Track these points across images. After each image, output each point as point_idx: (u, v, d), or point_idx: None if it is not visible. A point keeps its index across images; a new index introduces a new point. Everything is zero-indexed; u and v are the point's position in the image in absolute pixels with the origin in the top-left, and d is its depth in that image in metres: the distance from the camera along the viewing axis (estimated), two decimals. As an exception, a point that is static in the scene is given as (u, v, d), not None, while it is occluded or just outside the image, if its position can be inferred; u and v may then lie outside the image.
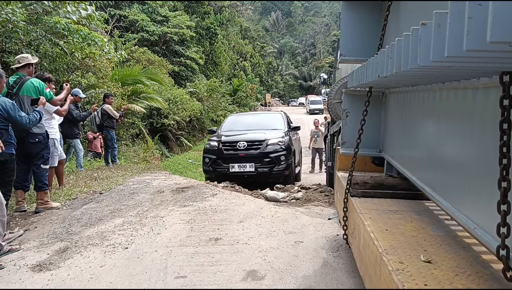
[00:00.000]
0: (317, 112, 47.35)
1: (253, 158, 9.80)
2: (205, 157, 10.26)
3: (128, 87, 15.80)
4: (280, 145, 10.05)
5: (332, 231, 4.92)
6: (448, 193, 2.16)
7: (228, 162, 9.83)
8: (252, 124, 11.72)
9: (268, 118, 13.27)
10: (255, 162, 9.77)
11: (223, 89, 35.07)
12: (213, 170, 10.02)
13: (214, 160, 9.99)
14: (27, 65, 6.06)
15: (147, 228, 5.04)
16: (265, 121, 12.32)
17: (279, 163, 9.79)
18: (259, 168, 9.75)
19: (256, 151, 9.87)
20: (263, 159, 9.78)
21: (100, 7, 22.55)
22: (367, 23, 4.20)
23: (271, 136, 10.35)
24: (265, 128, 11.08)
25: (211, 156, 10.08)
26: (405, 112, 3.16)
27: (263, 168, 9.76)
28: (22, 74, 5.95)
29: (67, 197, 6.78)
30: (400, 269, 2.02)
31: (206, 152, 10.33)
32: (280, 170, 9.82)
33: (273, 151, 9.88)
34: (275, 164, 9.78)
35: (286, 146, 10.09)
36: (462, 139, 1.99)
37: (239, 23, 53.67)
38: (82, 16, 10.97)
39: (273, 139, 10.19)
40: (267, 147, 9.92)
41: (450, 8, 1.14)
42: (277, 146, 10.01)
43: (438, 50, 1.26)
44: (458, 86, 2.01)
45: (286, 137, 10.45)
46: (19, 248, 4.50)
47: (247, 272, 3.81)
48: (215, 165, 9.98)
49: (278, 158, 9.79)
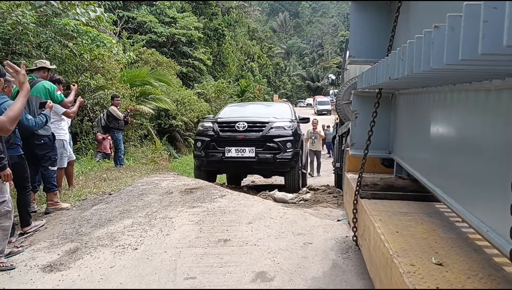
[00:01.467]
0: (325, 112, 47.30)
1: (254, 141, 8.36)
2: (197, 140, 8.84)
3: (137, 88, 15.90)
4: (286, 129, 8.61)
5: (341, 233, 4.90)
6: (460, 195, 2.15)
7: (224, 145, 8.40)
8: (254, 112, 9.92)
9: (273, 107, 11.51)
10: (256, 147, 8.31)
11: (231, 90, 35.14)
12: (205, 155, 8.54)
13: (208, 143, 8.54)
14: (42, 68, 6.15)
15: (156, 229, 5.06)
16: (269, 109, 10.79)
17: (285, 150, 8.32)
18: (260, 153, 8.28)
19: (258, 133, 8.42)
20: (265, 144, 8.32)
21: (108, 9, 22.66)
22: (376, 24, 4.19)
23: (276, 119, 8.88)
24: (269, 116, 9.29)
25: (204, 138, 8.64)
26: (415, 114, 3.15)
27: (265, 154, 8.29)
28: (35, 76, 6.04)
29: (77, 198, 6.81)
30: (412, 271, 2.02)
31: (199, 134, 8.90)
32: (285, 158, 8.34)
33: (278, 135, 8.43)
34: (280, 151, 8.30)
35: (293, 132, 8.65)
36: (473, 141, 1.98)
37: (247, 24, 53.78)
38: (91, 18, 11.06)
39: (279, 122, 8.75)
40: (271, 130, 8.47)
41: (464, 11, 1.14)
42: (283, 130, 8.56)
43: (452, 53, 1.25)
44: (470, 88, 2.00)
45: (294, 123, 9.04)
46: (21, 250, 4.51)
47: (256, 274, 3.81)
48: (209, 149, 8.51)
49: (283, 144, 8.33)
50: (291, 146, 8.42)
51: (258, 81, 52.13)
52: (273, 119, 8.79)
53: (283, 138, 8.42)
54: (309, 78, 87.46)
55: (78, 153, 11.37)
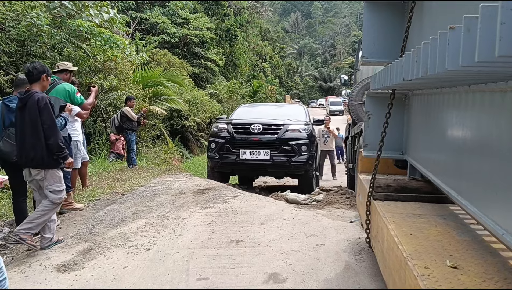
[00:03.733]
0: (337, 113, 47.15)
1: (269, 144, 8.37)
2: (211, 142, 8.79)
3: (149, 89, 15.98)
4: (302, 132, 8.58)
5: (353, 234, 4.88)
6: (475, 197, 2.13)
7: (238, 147, 8.38)
8: (269, 114, 9.82)
9: (287, 108, 11.48)
10: (271, 149, 8.30)
11: (243, 91, 35.17)
12: (219, 156, 8.52)
13: (222, 144, 8.51)
14: (64, 70, 6.23)
15: (169, 229, 5.08)
16: (284, 111, 10.60)
17: (300, 153, 8.30)
18: (275, 156, 8.26)
19: (273, 136, 8.42)
20: (280, 146, 8.31)
21: (121, 10, 22.80)
22: (389, 24, 4.16)
23: (291, 122, 8.85)
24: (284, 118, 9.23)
25: (219, 140, 8.61)
26: (429, 115, 3.12)
27: (280, 157, 8.27)
28: (57, 77, 6.10)
29: (90, 198, 6.87)
30: (426, 274, 2.00)
31: (213, 135, 8.87)
32: (300, 161, 8.32)
33: (293, 138, 8.40)
34: (295, 154, 8.28)
35: (308, 134, 8.64)
36: (489, 142, 1.95)
37: (259, 25, 53.75)
38: (105, 19, 11.16)
39: (294, 124, 8.74)
40: (286, 132, 8.46)
41: (480, 13, 1.13)
42: (298, 133, 8.55)
43: (468, 55, 1.24)
44: (485, 89, 1.98)
45: (309, 125, 9.03)
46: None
47: (268, 275, 3.81)
48: (223, 151, 8.50)
49: (299, 147, 8.32)
50: (306, 149, 8.41)
51: (270, 81, 52.10)
52: (288, 122, 8.78)
53: (298, 141, 8.40)
54: (321, 78, 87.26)
55: (91, 154, 11.45)
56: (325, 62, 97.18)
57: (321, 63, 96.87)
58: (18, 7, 8.80)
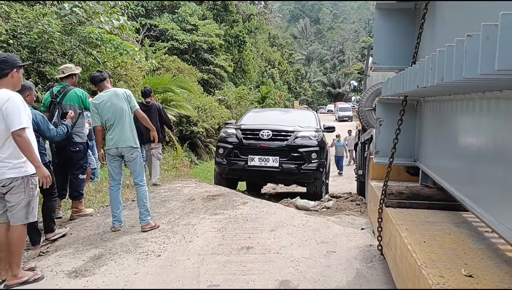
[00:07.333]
0: (346, 119, 47.13)
1: (278, 151, 8.22)
2: (219, 147, 8.65)
3: (159, 95, 16.02)
4: (312, 139, 8.42)
5: (364, 241, 4.85)
6: (489, 205, 2.10)
7: (247, 153, 8.23)
8: (278, 120, 9.57)
9: (298, 115, 11.24)
10: (280, 156, 8.15)
11: (252, 97, 35.18)
12: (227, 162, 8.41)
13: (230, 150, 8.38)
14: (70, 75, 6.21)
15: (179, 235, 5.08)
16: (294, 117, 10.29)
17: (310, 160, 8.16)
18: (284, 163, 8.11)
19: (282, 143, 8.27)
20: (290, 153, 8.16)
21: (131, 17, 22.93)
22: (401, 31, 4.14)
23: (301, 128, 8.71)
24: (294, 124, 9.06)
25: (227, 145, 8.47)
26: (442, 121, 3.10)
27: (289, 164, 8.12)
28: (66, 84, 6.08)
29: (101, 204, 6.89)
30: (441, 283, 1.98)
31: (221, 140, 8.73)
32: (310, 169, 8.17)
33: (303, 145, 8.25)
34: (304, 162, 8.14)
35: (319, 142, 8.49)
36: (504, 149, 1.93)
37: (268, 31, 53.79)
38: (115, 26, 11.21)
39: (304, 131, 8.60)
40: (296, 139, 8.31)
41: (500, 21, 1.12)
42: (309, 140, 8.38)
43: (487, 63, 1.23)
44: (500, 96, 1.96)
45: (319, 132, 8.89)
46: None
47: (279, 282, 3.79)
48: (231, 157, 8.37)
49: (309, 154, 8.17)
50: (316, 156, 8.26)
51: (279, 87, 52.10)
52: (298, 128, 8.65)
53: (308, 148, 8.26)
54: (330, 84, 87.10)
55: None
56: (333, 68, 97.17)
57: (330, 69, 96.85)
58: (30, 14, 8.88)
